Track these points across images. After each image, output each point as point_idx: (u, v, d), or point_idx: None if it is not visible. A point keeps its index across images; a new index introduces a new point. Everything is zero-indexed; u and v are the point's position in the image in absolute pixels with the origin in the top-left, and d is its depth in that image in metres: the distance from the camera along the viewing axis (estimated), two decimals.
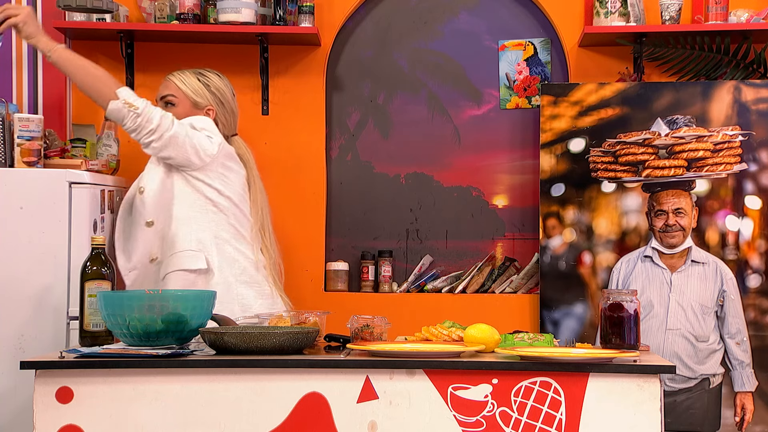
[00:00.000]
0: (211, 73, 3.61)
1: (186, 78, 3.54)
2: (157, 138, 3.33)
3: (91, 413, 2.66)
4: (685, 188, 4.33)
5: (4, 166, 3.82)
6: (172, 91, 3.53)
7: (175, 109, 3.51)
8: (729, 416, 4.26)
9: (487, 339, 2.82)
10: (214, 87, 3.54)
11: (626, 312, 2.78)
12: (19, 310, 3.68)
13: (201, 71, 3.60)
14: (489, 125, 4.70)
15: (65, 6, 4.14)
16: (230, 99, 3.63)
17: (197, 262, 3.38)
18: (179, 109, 3.51)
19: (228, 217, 3.45)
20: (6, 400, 3.65)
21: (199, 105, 3.51)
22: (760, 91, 4.30)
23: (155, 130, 3.31)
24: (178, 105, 3.51)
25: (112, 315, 2.80)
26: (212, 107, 3.52)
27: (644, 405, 2.63)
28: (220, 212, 3.43)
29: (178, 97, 3.51)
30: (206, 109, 3.51)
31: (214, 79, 3.58)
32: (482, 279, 4.60)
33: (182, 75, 3.55)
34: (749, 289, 4.29)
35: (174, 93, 3.52)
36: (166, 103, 3.52)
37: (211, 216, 3.42)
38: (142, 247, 3.45)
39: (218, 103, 3.54)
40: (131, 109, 3.28)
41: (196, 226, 3.41)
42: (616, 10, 4.39)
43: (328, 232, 4.61)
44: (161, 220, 3.43)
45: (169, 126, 3.32)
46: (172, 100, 3.51)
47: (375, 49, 4.73)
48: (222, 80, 3.62)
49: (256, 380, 2.66)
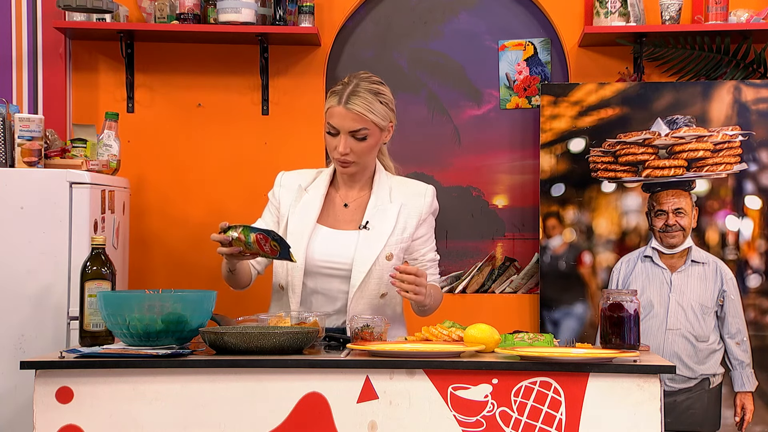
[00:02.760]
0: (381, 86, 3.28)
1: (372, 106, 3.20)
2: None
3: (91, 413, 2.66)
4: (685, 188, 4.34)
5: (5, 166, 3.82)
6: (365, 125, 3.19)
7: (370, 140, 3.22)
8: (729, 416, 4.26)
9: (487, 339, 2.82)
10: (391, 102, 3.27)
11: (626, 312, 2.78)
12: (19, 310, 3.68)
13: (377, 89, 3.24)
14: (489, 125, 4.70)
15: (65, 6, 4.14)
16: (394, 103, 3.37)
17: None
18: (372, 140, 3.22)
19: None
20: (6, 400, 3.65)
21: (385, 128, 3.25)
22: (760, 91, 4.30)
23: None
24: (371, 137, 3.21)
25: (112, 315, 2.80)
26: (393, 122, 3.33)
27: (644, 405, 2.63)
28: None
29: (370, 129, 3.20)
30: (390, 125, 3.28)
31: (387, 92, 3.28)
32: (482, 279, 4.60)
33: (367, 104, 3.19)
34: (749, 289, 4.29)
35: (367, 126, 3.19)
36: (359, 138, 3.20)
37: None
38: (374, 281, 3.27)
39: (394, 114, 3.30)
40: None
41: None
42: (616, 10, 4.39)
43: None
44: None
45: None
46: (366, 134, 3.20)
47: (375, 49, 4.73)
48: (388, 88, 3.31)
49: (256, 380, 2.66)
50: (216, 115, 4.64)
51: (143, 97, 4.59)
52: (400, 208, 3.28)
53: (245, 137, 4.63)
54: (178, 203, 4.62)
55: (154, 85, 4.61)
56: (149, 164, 4.60)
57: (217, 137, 4.63)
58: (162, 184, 4.61)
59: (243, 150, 4.62)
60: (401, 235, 3.27)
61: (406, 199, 3.31)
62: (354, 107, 3.17)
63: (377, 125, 3.21)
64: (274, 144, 4.61)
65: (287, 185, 3.37)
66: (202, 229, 4.59)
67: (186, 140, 4.62)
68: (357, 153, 3.21)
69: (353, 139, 3.20)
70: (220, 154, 4.63)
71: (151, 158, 4.61)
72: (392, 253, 3.24)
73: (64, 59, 4.52)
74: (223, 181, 4.63)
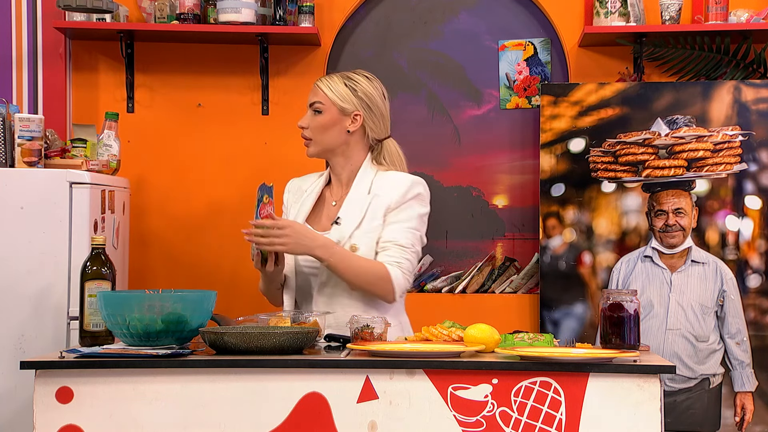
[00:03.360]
0: (360, 76, 3.40)
1: (333, 84, 3.34)
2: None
3: (91, 413, 2.66)
4: (685, 188, 4.34)
5: (5, 166, 3.82)
6: (319, 98, 3.34)
7: (322, 116, 3.32)
8: (729, 416, 4.26)
9: (487, 339, 2.82)
10: (361, 91, 3.33)
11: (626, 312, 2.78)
12: (19, 310, 3.68)
13: (350, 75, 3.39)
14: (489, 125, 4.70)
15: (65, 6, 4.14)
16: (380, 103, 3.39)
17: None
18: (326, 116, 3.32)
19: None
20: (6, 400, 3.65)
21: (346, 111, 3.30)
22: (760, 91, 4.30)
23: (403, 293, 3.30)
24: (325, 112, 3.32)
25: (112, 315, 2.80)
26: (359, 113, 3.35)
27: (644, 405, 2.63)
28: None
29: (325, 104, 3.31)
30: (353, 114, 3.34)
31: (363, 82, 3.37)
32: (482, 279, 4.60)
33: (329, 81, 3.36)
34: (749, 289, 4.29)
35: (321, 100, 3.33)
36: (314, 110, 3.34)
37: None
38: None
39: (366, 107, 3.34)
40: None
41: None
42: (616, 10, 4.39)
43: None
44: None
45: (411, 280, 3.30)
46: (320, 108, 3.32)
47: (375, 49, 4.73)
48: (371, 83, 3.40)
49: (256, 380, 2.66)
50: (216, 115, 4.64)
51: (143, 97, 4.59)
52: (372, 199, 3.27)
53: (245, 137, 4.63)
54: (178, 203, 4.62)
55: (154, 85, 4.61)
56: (149, 164, 4.60)
57: (217, 137, 4.63)
58: (162, 184, 4.61)
59: (243, 150, 4.62)
60: (370, 224, 3.24)
61: (381, 190, 3.29)
62: (317, 83, 3.36)
63: (334, 104, 3.30)
64: (274, 144, 4.61)
65: (292, 190, 3.46)
66: (202, 229, 4.59)
67: (186, 140, 4.62)
68: (312, 129, 3.32)
69: (311, 113, 3.34)
70: (220, 154, 4.63)
71: (151, 158, 4.61)
72: (357, 245, 3.21)
73: (64, 59, 4.52)
74: (223, 181, 4.63)
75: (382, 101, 3.39)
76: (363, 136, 3.37)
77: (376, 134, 3.39)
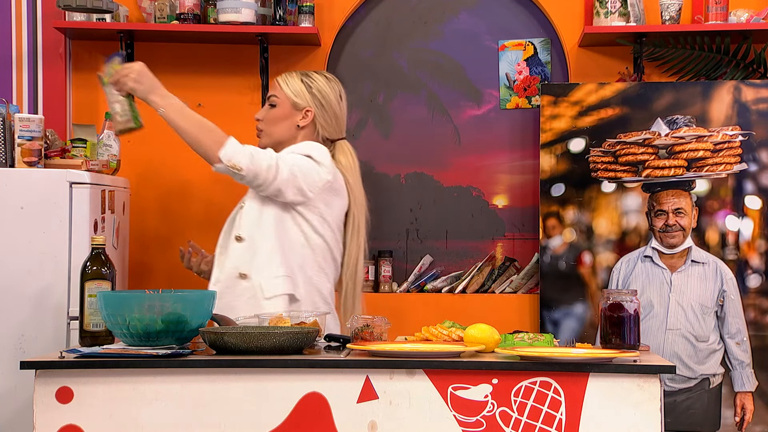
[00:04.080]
0: (319, 74, 3.54)
1: (290, 80, 3.49)
2: (264, 189, 3.29)
3: (91, 413, 2.66)
4: (685, 188, 4.34)
5: (5, 166, 3.82)
6: (275, 93, 3.49)
7: (276, 110, 3.47)
8: (729, 416, 4.26)
9: (487, 339, 2.82)
10: (315, 89, 3.46)
11: (626, 312, 2.78)
12: (19, 310, 3.68)
13: (309, 73, 3.54)
14: (489, 125, 4.70)
15: (65, 6, 4.15)
16: (334, 102, 3.50)
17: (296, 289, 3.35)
18: (279, 110, 3.46)
19: (315, 254, 3.38)
20: (6, 400, 3.65)
21: (298, 106, 3.43)
22: (760, 91, 4.30)
23: (262, 184, 3.27)
24: (279, 106, 3.47)
25: (112, 315, 2.80)
26: (311, 109, 3.44)
27: (644, 405, 2.63)
28: (309, 247, 3.36)
29: (280, 98, 3.46)
30: (305, 110, 3.44)
31: (319, 80, 3.50)
32: (482, 279, 4.60)
33: (288, 77, 3.51)
34: (749, 289, 4.29)
35: (277, 94, 3.48)
36: (270, 104, 3.49)
37: (299, 249, 3.35)
38: (230, 261, 3.40)
39: (318, 105, 3.45)
40: (234, 170, 3.24)
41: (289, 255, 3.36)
42: (616, 10, 4.39)
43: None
44: (255, 239, 3.37)
45: (274, 176, 3.25)
46: (275, 101, 3.47)
47: (375, 49, 4.73)
48: (328, 82, 3.52)
49: (256, 380, 2.66)
50: (216, 115, 4.60)
51: None
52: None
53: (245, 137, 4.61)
54: (178, 203, 4.62)
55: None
56: (149, 164, 4.60)
57: None
58: (162, 184, 4.61)
59: None
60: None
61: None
62: (277, 78, 3.53)
63: (288, 98, 3.45)
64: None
65: None
66: (202, 229, 4.59)
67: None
68: (265, 121, 3.48)
69: (267, 107, 3.51)
70: None
71: (151, 158, 4.61)
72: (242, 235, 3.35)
73: (64, 59, 4.52)
74: (223, 181, 4.62)
75: (338, 102, 3.49)
76: (313, 133, 3.47)
77: (327, 133, 3.48)
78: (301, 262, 3.34)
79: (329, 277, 3.43)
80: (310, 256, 3.36)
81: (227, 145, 3.24)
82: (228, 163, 3.23)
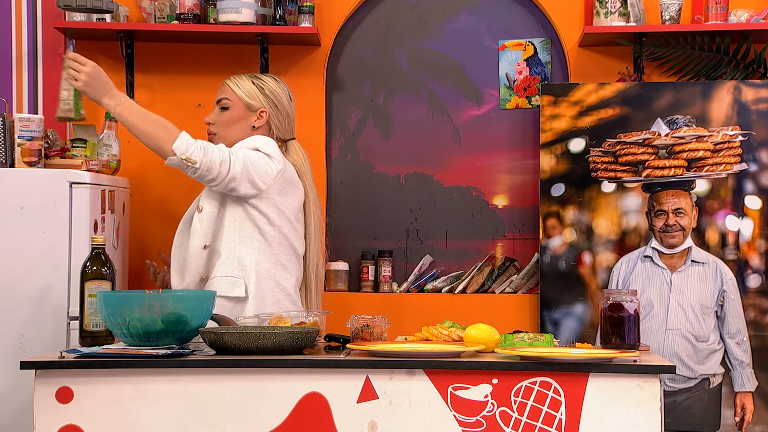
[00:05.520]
0: (268, 77, 3.60)
1: (240, 82, 3.54)
2: (217, 184, 3.30)
3: (91, 413, 2.66)
4: (685, 188, 4.34)
5: (5, 166, 3.82)
6: (227, 95, 3.53)
7: (229, 112, 3.51)
8: (729, 416, 4.26)
9: (487, 339, 2.82)
10: (268, 90, 3.52)
11: (626, 312, 2.78)
12: (19, 310, 3.68)
13: (258, 75, 3.59)
14: (489, 125, 4.70)
15: (65, 6, 4.14)
16: (286, 103, 3.57)
17: (236, 290, 3.34)
18: (233, 112, 3.51)
19: (272, 247, 3.39)
20: (6, 400, 3.65)
21: (252, 107, 3.49)
22: (760, 91, 4.31)
23: (215, 178, 3.28)
24: (232, 108, 3.51)
25: (112, 315, 2.80)
26: (265, 109, 3.50)
27: (644, 405, 2.63)
28: (265, 241, 3.37)
29: (232, 100, 3.50)
30: (259, 111, 3.49)
31: (270, 82, 3.57)
32: (482, 279, 4.60)
33: (237, 79, 3.56)
34: (749, 289, 4.29)
35: (229, 96, 3.52)
36: (221, 107, 3.52)
37: (255, 244, 3.36)
38: (194, 269, 3.41)
39: (272, 105, 3.52)
40: (189, 164, 3.25)
41: (240, 252, 3.36)
42: (616, 10, 4.39)
43: (328, 232, 4.61)
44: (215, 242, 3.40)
45: (227, 171, 3.26)
46: (227, 104, 3.51)
47: (375, 49, 4.73)
48: (278, 84, 3.59)
49: (256, 380, 2.67)
50: None
51: (143, 97, 4.59)
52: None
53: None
54: (178, 203, 4.62)
55: (154, 85, 4.61)
56: (149, 164, 4.60)
57: None
58: (162, 184, 4.61)
59: None
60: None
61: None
62: (226, 81, 3.58)
63: (241, 100, 3.50)
64: None
65: None
66: None
67: None
68: (218, 124, 3.54)
69: (218, 110, 3.55)
70: None
71: (151, 158, 4.59)
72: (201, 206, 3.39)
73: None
74: None
75: (288, 102, 3.58)
76: (268, 133, 3.53)
77: (281, 133, 3.55)
78: (257, 258, 3.36)
79: (290, 271, 3.44)
80: (267, 251, 3.38)
81: (180, 138, 3.27)
82: (182, 156, 3.24)
